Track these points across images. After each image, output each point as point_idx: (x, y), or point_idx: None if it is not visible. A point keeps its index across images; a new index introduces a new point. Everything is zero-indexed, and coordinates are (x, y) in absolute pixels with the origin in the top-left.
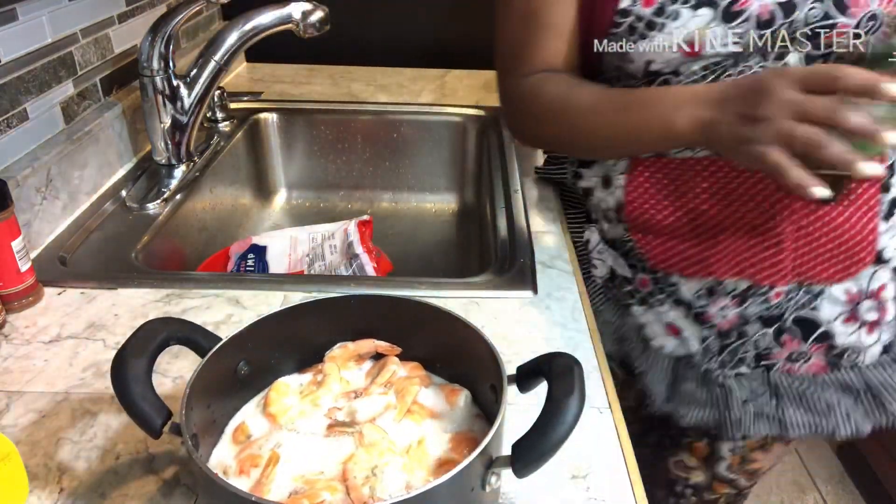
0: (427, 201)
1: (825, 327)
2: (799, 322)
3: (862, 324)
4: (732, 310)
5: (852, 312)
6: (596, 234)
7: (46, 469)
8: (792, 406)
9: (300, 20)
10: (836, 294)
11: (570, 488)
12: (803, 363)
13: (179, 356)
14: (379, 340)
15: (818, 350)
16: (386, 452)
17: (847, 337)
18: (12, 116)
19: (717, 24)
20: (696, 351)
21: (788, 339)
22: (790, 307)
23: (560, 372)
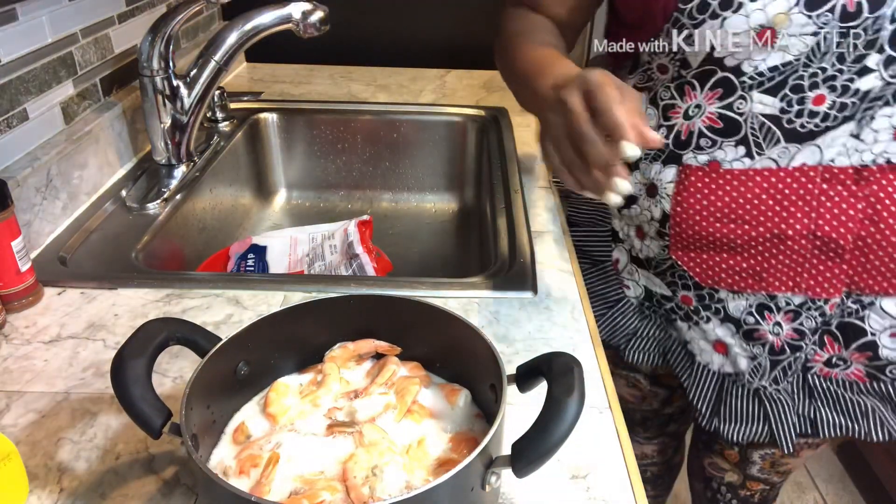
0: (427, 201)
1: (871, 338)
2: (842, 327)
3: None
4: (787, 326)
5: None
6: (625, 255)
7: (46, 469)
8: (825, 407)
9: (300, 20)
10: (887, 307)
11: (570, 488)
12: (842, 369)
13: (179, 356)
14: (379, 340)
15: (859, 359)
16: (386, 452)
17: (892, 351)
18: (12, 116)
19: (798, 11)
20: (744, 369)
21: (830, 342)
22: (836, 314)
23: (560, 372)
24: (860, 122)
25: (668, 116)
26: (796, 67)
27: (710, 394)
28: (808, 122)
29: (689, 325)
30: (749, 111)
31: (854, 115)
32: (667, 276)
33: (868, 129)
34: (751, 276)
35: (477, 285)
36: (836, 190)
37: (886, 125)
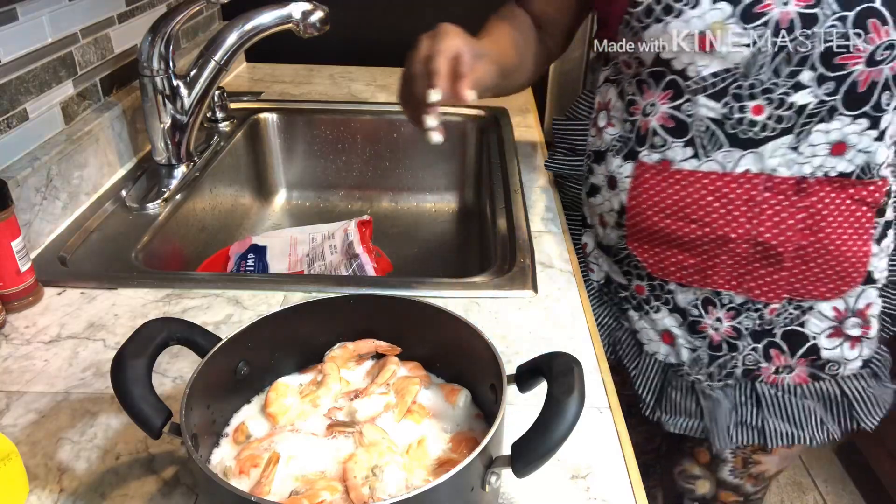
0: (427, 201)
1: (812, 342)
2: (787, 336)
3: (846, 338)
4: (726, 323)
5: (837, 328)
6: (592, 239)
7: (46, 469)
8: (773, 416)
9: (300, 20)
10: (824, 310)
11: (570, 488)
12: (788, 374)
13: (179, 356)
14: (379, 340)
15: (803, 363)
16: (386, 452)
17: (831, 351)
18: (12, 116)
19: (734, 23)
20: (686, 360)
21: (777, 354)
22: (780, 322)
23: (560, 372)
24: (798, 136)
25: (630, 112)
26: (736, 76)
27: (655, 384)
28: (749, 130)
29: (640, 314)
30: (696, 114)
31: (791, 128)
32: (623, 265)
33: (806, 143)
34: (697, 273)
35: (477, 285)
36: (777, 199)
37: (823, 140)
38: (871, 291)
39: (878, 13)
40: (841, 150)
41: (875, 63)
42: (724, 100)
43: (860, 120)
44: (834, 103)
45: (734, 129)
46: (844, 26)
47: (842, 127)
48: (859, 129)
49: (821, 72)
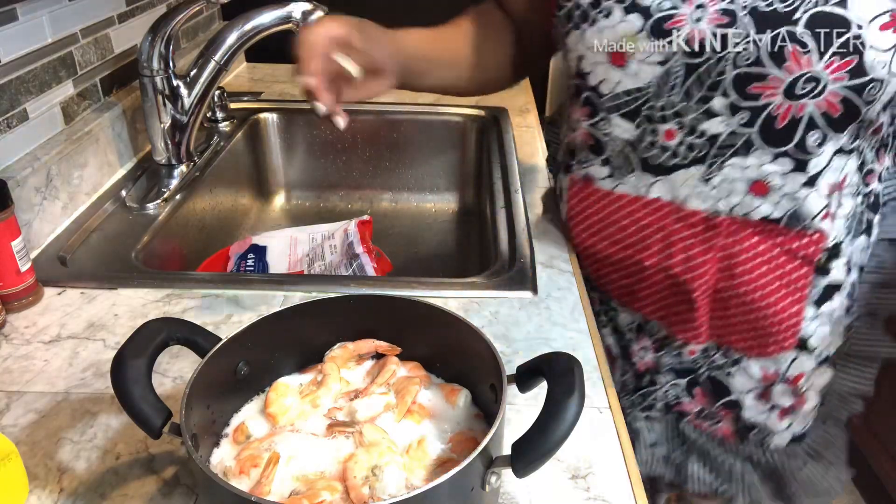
0: (427, 201)
1: (735, 396)
2: (710, 381)
3: (773, 406)
4: (650, 353)
5: (765, 391)
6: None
7: (46, 469)
8: (698, 462)
9: (300, 20)
10: (751, 368)
11: (570, 488)
12: (712, 423)
13: (179, 356)
14: (379, 340)
15: (727, 416)
16: (386, 452)
17: (757, 414)
18: (12, 116)
19: (644, 37)
20: (616, 382)
21: (700, 393)
22: (706, 364)
23: (560, 372)
24: (710, 167)
25: (572, 125)
26: (648, 96)
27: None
28: (661, 156)
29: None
30: (611, 133)
31: (704, 157)
32: (584, 273)
33: (719, 175)
34: (629, 294)
35: (477, 285)
36: (688, 232)
37: (739, 175)
38: (807, 361)
39: (798, 39)
40: (762, 190)
41: (795, 96)
42: (637, 120)
43: (782, 159)
44: (749, 136)
45: (646, 154)
46: (758, 51)
47: (760, 164)
48: (782, 169)
49: (733, 99)
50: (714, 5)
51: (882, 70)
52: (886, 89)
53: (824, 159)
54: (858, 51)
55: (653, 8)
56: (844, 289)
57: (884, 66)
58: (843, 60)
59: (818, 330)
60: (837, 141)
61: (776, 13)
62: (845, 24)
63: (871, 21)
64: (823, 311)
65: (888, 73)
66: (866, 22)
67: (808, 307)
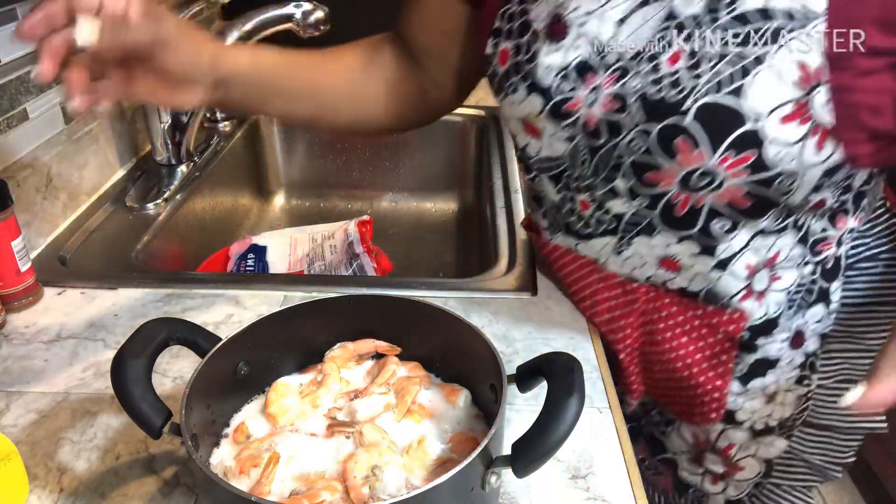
0: (427, 201)
1: (671, 455)
2: (648, 436)
3: (706, 471)
4: None
5: (697, 456)
6: None
7: (46, 469)
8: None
9: (300, 20)
10: (684, 432)
11: (570, 488)
12: (653, 474)
13: (179, 356)
14: (379, 340)
15: (666, 471)
16: (386, 452)
17: (690, 475)
18: (12, 116)
19: (546, 118)
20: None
21: (643, 445)
22: (645, 418)
23: (560, 372)
24: (620, 241)
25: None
26: (564, 167)
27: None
28: (577, 223)
29: None
30: (544, 191)
31: (614, 230)
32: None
33: (629, 249)
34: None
35: (477, 285)
36: (609, 294)
37: (647, 252)
38: (736, 433)
39: (688, 132)
40: (673, 266)
41: (691, 189)
42: (558, 186)
43: (687, 242)
44: (652, 219)
45: (566, 219)
46: (648, 141)
47: (666, 244)
48: (689, 251)
49: (632, 184)
50: (608, 88)
51: (792, 163)
52: (804, 180)
53: (739, 243)
54: (757, 145)
55: (552, 90)
56: (785, 363)
57: (793, 159)
58: (739, 156)
59: (746, 405)
60: (755, 225)
61: (665, 102)
62: (738, 116)
63: (769, 113)
64: (752, 387)
65: (799, 165)
66: (764, 114)
67: (732, 382)
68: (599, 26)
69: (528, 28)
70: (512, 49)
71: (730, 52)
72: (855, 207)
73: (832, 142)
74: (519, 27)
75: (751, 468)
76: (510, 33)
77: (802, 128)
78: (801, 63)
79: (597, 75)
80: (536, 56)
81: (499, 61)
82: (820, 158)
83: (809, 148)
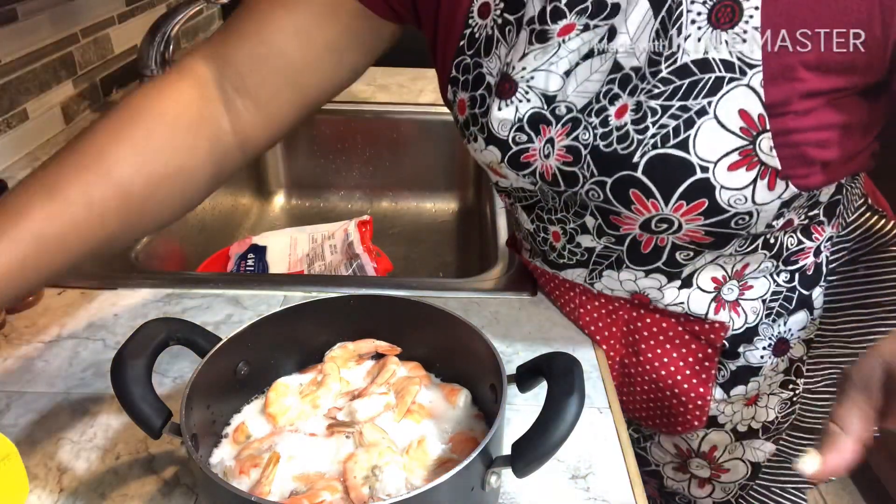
0: (427, 201)
1: (654, 467)
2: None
3: (692, 476)
4: None
5: (682, 465)
6: None
7: (46, 469)
8: None
9: None
10: (664, 443)
11: (570, 488)
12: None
13: (179, 356)
14: (379, 340)
15: (650, 482)
16: (386, 452)
17: (676, 483)
18: (12, 116)
19: (506, 167)
20: None
21: None
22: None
23: (560, 372)
24: (591, 273)
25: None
26: (536, 199)
27: None
28: (551, 253)
29: None
30: (520, 218)
31: (586, 263)
32: None
33: (600, 283)
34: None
35: (477, 285)
36: (592, 306)
37: (618, 287)
38: (718, 435)
39: (641, 184)
40: (644, 300)
41: (653, 232)
42: (531, 216)
43: (655, 275)
44: (620, 254)
45: (542, 247)
46: (604, 192)
47: (635, 279)
48: (657, 284)
49: (599, 223)
50: (561, 140)
51: (746, 204)
52: (760, 217)
53: (702, 261)
54: (708, 193)
55: (509, 142)
56: (769, 369)
57: (744, 201)
58: (692, 204)
59: (726, 409)
60: (722, 251)
61: (616, 155)
62: (688, 166)
63: (717, 161)
64: (735, 393)
65: (753, 206)
66: (712, 163)
67: (715, 389)
68: (547, 80)
69: (482, 81)
70: (468, 100)
71: (673, 105)
72: (829, 217)
73: (783, 181)
74: (473, 79)
75: (736, 470)
76: (466, 84)
77: (750, 173)
78: (742, 111)
79: (550, 126)
80: (490, 111)
81: (458, 110)
82: (773, 196)
83: (760, 189)
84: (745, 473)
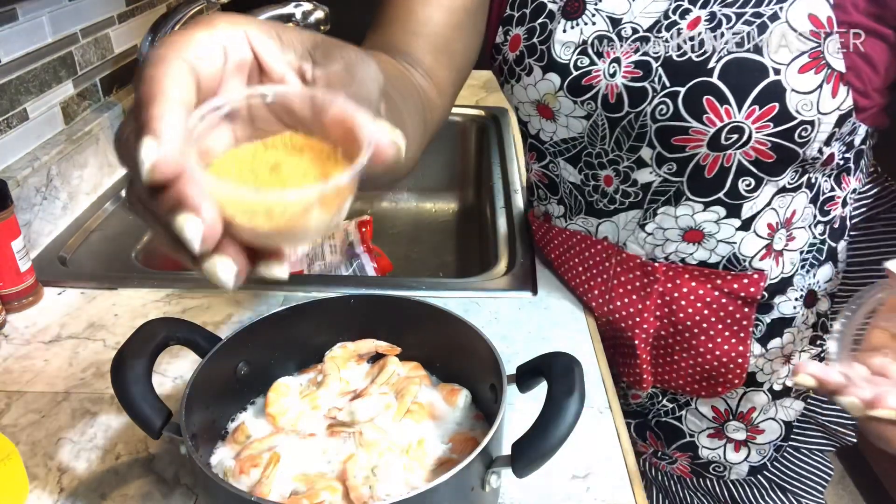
0: (427, 201)
1: (689, 438)
2: (661, 426)
3: (728, 441)
4: None
5: (718, 429)
6: None
7: (46, 469)
8: (660, 493)
9: (300, 20)
10: (701, 409)
11: (570, 488)
12: (669, 463)
13: (179, 356)
14: (379, 340)
15: (682, 457)
16: (386, 452)
17: (711, 451)
18: (12, 116)
19: (563, 95)
20: None
21: (652, 438)
22: (653, 410)
23: (560, 372)
24: (646, 213)
25: (528, 165)
26: (584, 144)
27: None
28: (602, 200)
29: None
30: (561, 175)
31: (640, 203)
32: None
33: (653, 222)
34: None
35: (477, 285)
36: (627, 277)
37: (672, 224)
38: (757, 396)
39: (716, 90)
40: (696, 237)
41: (721, 147)
42: (579, 166)
43: (715, 207)
44: (679, 186)
45: (591, 197)
46: (675, 104)
47: (692, 213)
48: (714, 217)
49: (659, 150)
50: (629, 58)
51: (810, 112)
52: (820, 129)
53: (762, 201)
54: (779, 96)
55: (570, 66)
56: (800, 322)
57: (810, 107)
58: (764, 108)
59: (766, 365)
60: (777, 182)
61: (690, 63)
62: (762, 69)
63: (789, 64)
64: (771, 346)
65: (817, 114)
66: (784, 66)
67: (753, 345)
68: (614, 3)
69: (542, 10)
70: (524, 34)
71: (747, 12)
72: (855, 167)
73: (844, 87)
74: (532, 11)
75: (770, 430)
76: (522, 19)
77: (818, 76)
78: (812, 16)
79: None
80: (552, 35)
81: (509, 48)
82: (833, 106)
83: (825, 96)
84: (779, 434)
